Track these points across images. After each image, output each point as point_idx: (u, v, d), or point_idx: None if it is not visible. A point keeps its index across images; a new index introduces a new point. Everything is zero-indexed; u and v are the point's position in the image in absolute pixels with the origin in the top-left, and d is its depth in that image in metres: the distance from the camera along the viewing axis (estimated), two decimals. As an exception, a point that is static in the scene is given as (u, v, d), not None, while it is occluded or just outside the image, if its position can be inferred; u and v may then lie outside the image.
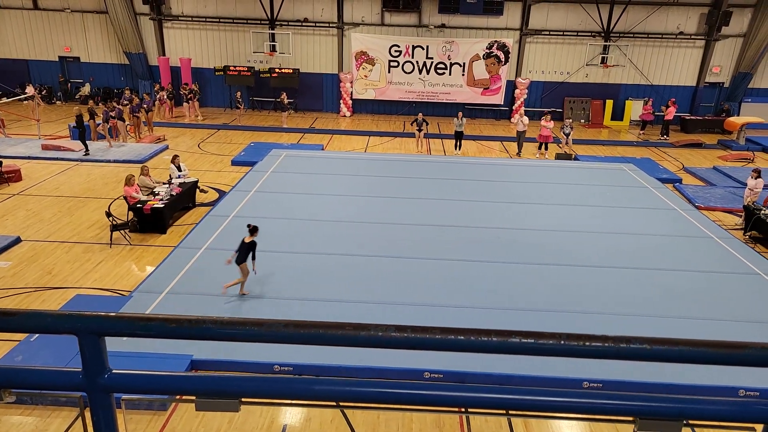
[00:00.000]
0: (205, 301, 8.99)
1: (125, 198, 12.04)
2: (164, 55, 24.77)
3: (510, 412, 1.45)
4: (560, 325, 8.52)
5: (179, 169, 13.75)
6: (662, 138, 22.05)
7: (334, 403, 1.41)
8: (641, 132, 22.99)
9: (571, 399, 1.32)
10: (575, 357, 1.31)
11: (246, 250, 8.93)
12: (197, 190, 13.81)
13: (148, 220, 11.79)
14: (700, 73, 24.71)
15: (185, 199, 13.16)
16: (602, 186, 15.40)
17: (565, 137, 19.05)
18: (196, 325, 1.26)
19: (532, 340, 1.27)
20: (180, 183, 13.18)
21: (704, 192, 15.48)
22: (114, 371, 1.32)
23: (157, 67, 24.69)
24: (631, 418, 1.34)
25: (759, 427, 1.43)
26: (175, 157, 14.02)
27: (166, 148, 18.57)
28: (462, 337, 1.28)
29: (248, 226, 9.08)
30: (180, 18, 24.49)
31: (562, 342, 1.28)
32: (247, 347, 7.63)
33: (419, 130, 19.15)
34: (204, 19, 24.38)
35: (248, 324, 1.27)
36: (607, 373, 7.37)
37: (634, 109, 24.70)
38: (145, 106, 19.92)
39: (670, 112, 21.95)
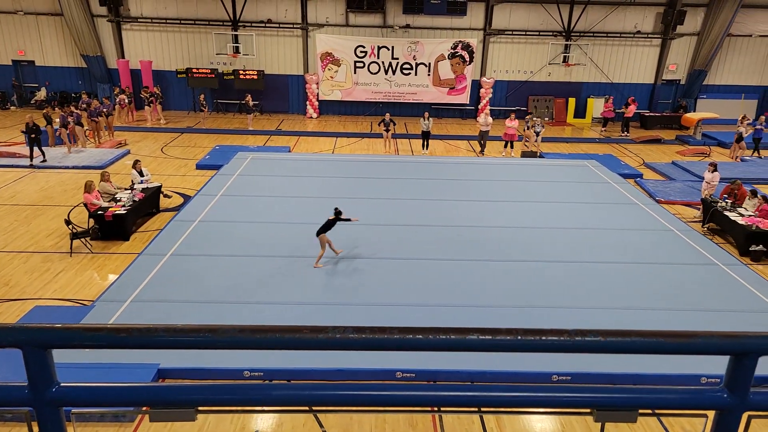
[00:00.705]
0: (171, 309, 8.80)
1: (85, 205, 11.71)
2: (123, 57, 24.20)
3: (482, 409, 1.46)
4: (526, 320, 8.63)
5: (141, 174, 13.45)
6: (623, 135, 22.59)
7: (294, 408, 1.39)
8: (603, 129, 23.51)
9: (531, 393, 1.33)
10: (532, 351, 1.33)
11: (327, 226, 10.18)
12: (161, 195, 13.53)
13: (109, 227, 11.48)
14: (657, 71, 25.40)
15: (148, 204, 12.87)
16: (567, 182, 15.68)
17: (535, 135, 19.35)
18: (147, 334, 1.22)
19: (490, 337, 1.28)
20: (143, 188, 12.90)
21: (664, 186, 15.91)
22: (62, 384, 1.27)
23: (117, 70, 24.12)
24: (588, 410, 1.36)
25: (711, 413, 1.47)
26: (137, 161, 13.70)
27: (128, 152, 18.14)
28: (420, 337, 1.27)
29: (335, 209, 10.34)
30: (139, 20, 23.97)
31: (519, 337, 1.29)
32: (217, 354, 7.51)
33: (387, 131, 19.18)
34: (164, 21, 23.92)
35: (201, 331, 1.24)
36: (577, 366, 7.48)
37: (596, 106, 25.24)
38: (104, 110, 19.41)
39: (630, 110, 22.51)
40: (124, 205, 11.84)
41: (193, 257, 10.61)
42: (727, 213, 12.50)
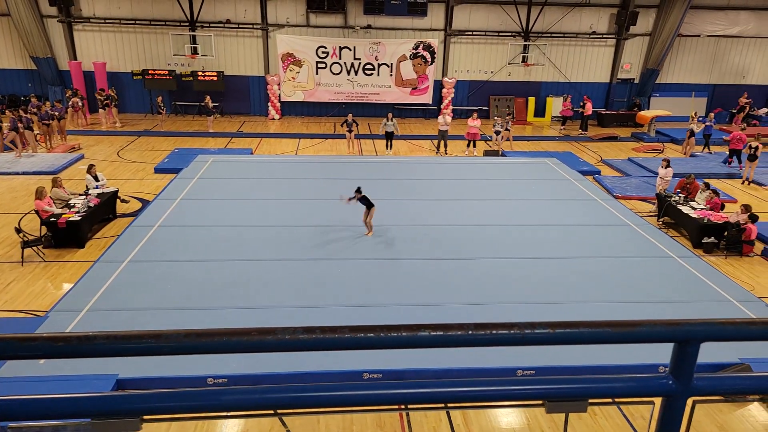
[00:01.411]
0: (131, 317, 8.58)
1: (37, 212, 11.30)
2: (76, 59, 23.45)
3: (448, 405, 1.46)
4: (489, 317, 8.73)
5: (96, 179, 13.07)
6: (581, 132, 23.11)
7: (248, 413, 1.36)
8: (562, 127, 24.02)
9: (481, 388, 1.34)
10: (483, 346, 1.33)
11: (366, 200, 11.43)
12: (117, 200, 13.17)
13: (63, 235, 11.11)
14: (612, 70, 26.10)
15: (104, 210, 12.52)
16: (528, 180, 15.95)
17: (507, 133, 19.70)
18: (86, 342, 1.17)
19: (441, 333, 1.28)
20: (98, 194, 12.53)
21: (621, 182, 16.36)
22: (-1, 398, 1.21)
23: (69, 72, 23.35)
24: (540, 402, 1.38)
25: (658, 401, 1.51)
26: (92, 166, 13.31)
27: (82, 157, 17.60)
28: (371, 335, 1.26)
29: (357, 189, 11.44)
30: (91, 20, 23.27)
31: (470, 332, 1.29)
32: (179, 362, 7.35)
33: (350, 131, 19.14)
34: (118, 21, 23.28)
35: (144, 337, 1.20)
36: (543, 360, 7.61)
37: (555, 105, 25.76)
38: (56, 113, 18.77)
39: (588, 108, 23.04)
40: (78, 212, 11.48)
41: (152, 263, 10.35)
42: (680, 207, 12.93)
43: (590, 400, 1.40)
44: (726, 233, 11.88)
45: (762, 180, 16.72)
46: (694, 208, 12.79)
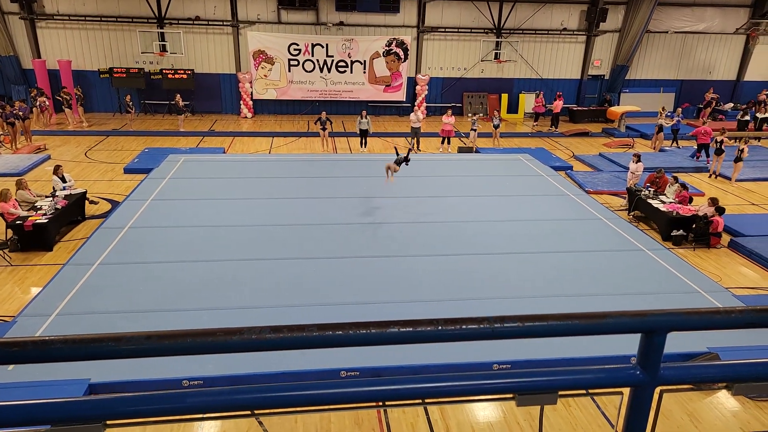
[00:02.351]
0: (101, 321, 8.39)
1: (1, 215, 10.99)
2: (39, 57, 22.83)
3: (422, 401, 1.46)
4: (464, 313, 8.78)
5: (63, 180, 12.76)
6: (551, 129, 23.36)
7: (217, 414, 1.33)
8: (534, 123, 24.28)
9: (456, 383, 1.33)
10: (453, 341, 1.33)
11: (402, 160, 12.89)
12: (86, 201, 12.89)
13: (30, 238, 10.83)
14: (583, 67, 26.48)
15: (73, 212, 12.23)
16: (502, 176, 16.08)
17: (494, 129, 19.86)
18: (43, 347, 1.13)
19: (411, 329, 1.27)
20: (65, 195, 12.23)
21: (592, 177, 16.61)
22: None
23: (32, 71, 22.71)
24: (510, 395, 1.38)
25: (626, 391, 1.53)
26: (58, 167, 12.98)
27: (48, 158, 17.17)
28: (340, 332, 1.25)
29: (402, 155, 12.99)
30: (55, 17, 22.67)
31: (440, 327, 1.29)
32: (154, 364, 7.24)
33: (323, 129, 19.04)
34: (83, 18, 22.72)
35: (104, 340, 1.16)
36: (520, 353, 7.66)
37: (528, 102, 26.03)
38: (20, 113, 18.26)
39: (557, 105, 23.29)
40: (45, 214, 11.19)
41: (123, 266, 10.16)
42: (650, 201, 13.19)
43: (560, 392, 1.41)
44: (694, 226, 12.16)
45: (727, 173, 17.16)
46: (663, 202, 13.06)
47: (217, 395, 1.30)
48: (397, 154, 13.15)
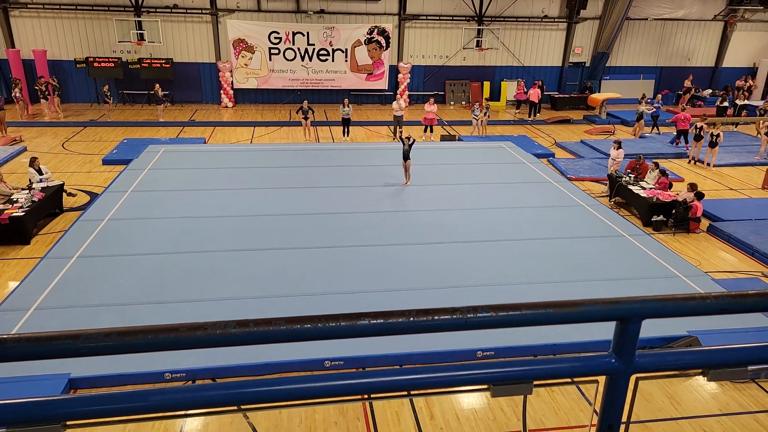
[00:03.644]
0: (81, 314, 8.29)
1: (-24, 208, 10.75)
2: (13, 47, 22.27)
3: (412, 392, 1.44)
4: (451, 301, 8.81)
5: (40, 172, 12.50)
6: (530, 118, 23.26)
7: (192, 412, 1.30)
8: (517, 111, 24.33)
9: (431, 374, 1.32)
10: (426, 332, 1.31)
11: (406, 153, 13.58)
12: (64, 193, 12.65)
13: (7, 231, 10.63)
14: (564, 54, 26.55)
15: (50, 204, 12.01)
16: (485, 164, 16.10)
17: (485, 118, 19.86)
18: (-5, 346, 1.09)
19: (382, 320, 1.25)
20: (42, 188, 12.00)
21: (574, 164, 16.71)
22: None
23: (6, 61, 22.16)
24: (485, 386, 1.37)
25: (602, 379, 1.52)
26: (34, 159, 12.71)
27: (24, 150, 16.81)
28: (309, 326, 1.22)
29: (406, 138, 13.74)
30: (29, 6, 22.11)
31: (412, 319, 1.27)
32: (134, 357, 7.15)
33: (305, 118, 18.88)
34: (58, 6, 22.18)
35: (61, 338, 1.12)
36: (499, 341, 7.74)
37: (510, 89, 26.05)
38: (-6, 104, 17.83)
39: (532, 94, 23.15)
40: (21, 207, 10.98)
41: (103, 258, 10.02)
42: (630, 187, 13.31)
43: (535, 382, 1.40)
44: (674, 211, 12.31)
45: (708, 160, 17.36)
46: (643, 188, 13.19)
47: (183, 392, 1.27)
48: (403, 144, 13.82)
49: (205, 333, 1.20)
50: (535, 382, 1.40)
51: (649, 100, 22.07)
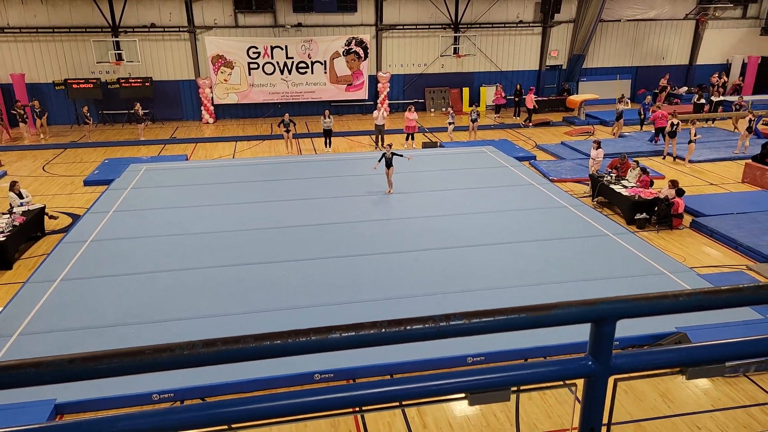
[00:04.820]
0: (66, 338, 8.16)
1: (-45, 236, 10.56)
2: (-10, 71, 22.02)
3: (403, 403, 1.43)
4: (439, 307, 8.80)
5: (20, 196, 12.34)
6: (527, 123, 23.12)
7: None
8: (496, 116, 24.50)
9: (402, 386, 1.30)
10: (398, 343, 1.30)
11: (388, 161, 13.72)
12: (45, 216, 12.49)
13: (-14, 258, 10.45)
14: (541, 58, 26.83)
15: (31, 228, 11.86)
16: (467, 169, 16.17)
17: (474, 124, 19.91)
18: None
19: (353, 333, 1.24)
20: (23, 211, 11.84)
21: (556, 166, 16.84)
22: None
23: (-16, 86, 21.90)
24: (463, 395, 1.36)
25: (580, 382, 1.52)
26: (14, 183, 12.55)
27: (4, 174, 16.58)
28: (278, 342, 1.20)
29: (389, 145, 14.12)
30: (5, 30, 21.88)
31: (384, 330, 1.25)
32: (119, 379, 7.03)
33: (287, 131, 18.85)
34: (35, 30, 21.99)
35: (24, 366, 1.09)
36: (490, 346, 7.71)
37: (489, 94, 26.24)
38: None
39: (529, 100, 23.19)
40: (2, 231, 10.83)
41: (87, 280, 9.89)
42: (612, 186, 13.43)
43: (512, 388, 1.39)
44: (656, 208, 12.43)
45: (683, 155, 17.60)
46: (625, 186, 13.32)
47: (171, 414, 1.24)
48: (382, 158, 13.86)
49: (171, 354, 1.17)
50: (513, 388, 1.39)
51: (649, 104, 22.19)
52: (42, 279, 9.91)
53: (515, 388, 1.40)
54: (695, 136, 16.63)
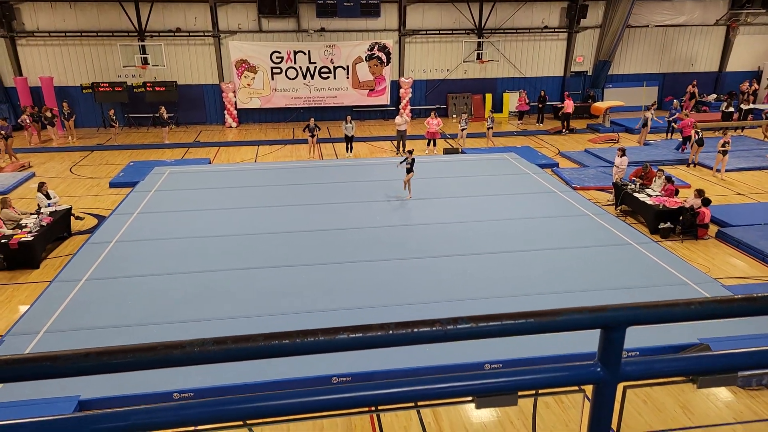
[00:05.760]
0: (90, 337, 8.33)
1: (-15, 234, 10.86)
2: (21, 75, 22.63)
3: (419, 403, 1.45)
4: (456, 313, 8.74)
5: (48, 197, 12.64)
6: (565, 132, 22.76)
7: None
8: (519, 122, 24.35)
9: (415, 387, 1.31)
10: (406, 345, 1.31)
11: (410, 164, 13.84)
12: (72, 217, 12.77)
13: (16, 256, 10.72)
14: (566, 64, 26.61)
15: (59, 228, 12.12)
16: (488, 176, 16.09)
17: (489, 131, 19.89)
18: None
19: (361, 334, 1.25)
20: (50, 212, 12.12)
21: (578, 173, 16.67)
22: None
23: (14, 89, 22.50)
24: (470, 398, 1.36)
25: (589, 388, 1.51)
26: (42, 184, 12.87)
27: (32, 175, 17.01)
28: (287, 341, 1.22)
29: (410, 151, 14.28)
30: (36, 34, 22.51)
31: (391, 332, 1.26)
32: (143, 377, 7.16)
33: (312, 136, 18.98)
34: (64, 34, 22.57)
35: (40, 360, 1.12)
36: (510, 353, 7.65)
37: (512, 101, 26.12)
38: (2, 132, 18.07)
39: (568, 105, 22.85)
40: (30, 231, 11.09)
41: (111, 280, 10.08)
42: (636, 195, 13.24)
43: (520, 393, 1.38)
44: (681, 218, 12.22)
45: (709, 164, 17.27)
46: (649, 195, 13.12)
47: (190, 408, 1.26)
48: (405, 161, 13.98)
49: (182, 351, 1.20)
50: (520, 393, 1.39)
51: (676, 110, 21.85)
52: (68, 278, 10.13)
53: (525, 393, 1.39)
54: (724, 146, 16.07)
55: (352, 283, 9.87)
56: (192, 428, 1.40)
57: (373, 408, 1.37)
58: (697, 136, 17.09)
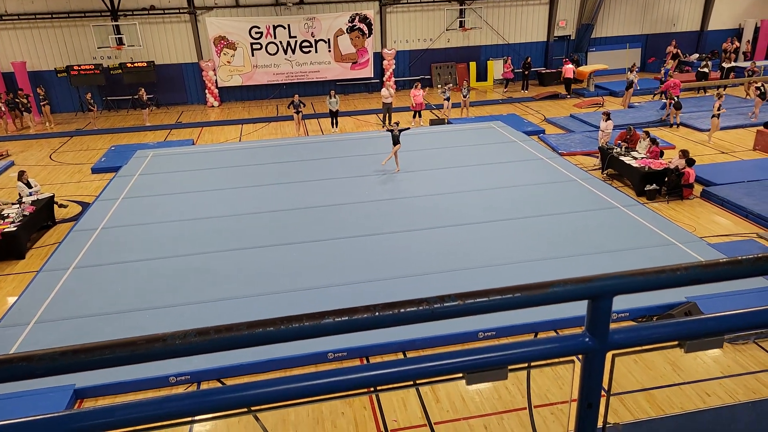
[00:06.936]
0: (81, 325, 8.29)
1: (-33, 226, 10.69)
2: (-8, 61, 22.02)
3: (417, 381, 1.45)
4: (452, 284, 8.81)
5: (29, 185, 12.42)
6: (567, 95, 22.81)
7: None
8: (504, 90, 24.21)
9: (406, 367, 1.30)
10: (393, 326, 1.29)
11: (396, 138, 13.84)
12: (55, 205, 12.59)
13: (0, 247, 10.57)
14: (548, 29, 26.35)
15: (42, 217, 11.96)
16: (475, 146, 16.04)
17: (463, 98, 19.71)
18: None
19: (347, 317, 1.23)
20: (32, 201, 11.93)
21: (565, 139, 16.66)
22: None
23: (-13, 76, 21.93)
24: (460, 375, 1.35)
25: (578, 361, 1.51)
26: (22, 173, 12.63)
27: (11, 164, 16.69)
28: (272, 328, 1.20)
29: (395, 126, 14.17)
30: (4, 17, 21.82)
31: (378, 313, 1.25)
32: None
33: (297, 112, 18.72)
34: (34, 16, 21.90)
35: (14, 360, 1.09)
36: (501, 321, 7.75)
37: (496, 68, 25.90)
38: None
39: (567, 70, 22.88)
40: (13, 222, 10.92)
41: (99, 267, 10.00)
42: (622, 158, 13.28)
43: (510, 367, 1.38)
44: (666, 179, 12.30)
45: (698, 125, 17.32)
46: (635, 158, 13.17)
47: (190, 398, 1.25)
48: (391, 133, 13.98)
49: (164, 345, 1.18)
50: (510, 367, 1.39)
51: (666, 70, 21.84)
52: (55, 267, 10.04)
53: (515, 366, 1.39)
54: (719, 110, 15.96)
55: (343, 259, 9.87)
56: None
57: (368, 390, 1.37)
58: (673, 100, 17.13)
